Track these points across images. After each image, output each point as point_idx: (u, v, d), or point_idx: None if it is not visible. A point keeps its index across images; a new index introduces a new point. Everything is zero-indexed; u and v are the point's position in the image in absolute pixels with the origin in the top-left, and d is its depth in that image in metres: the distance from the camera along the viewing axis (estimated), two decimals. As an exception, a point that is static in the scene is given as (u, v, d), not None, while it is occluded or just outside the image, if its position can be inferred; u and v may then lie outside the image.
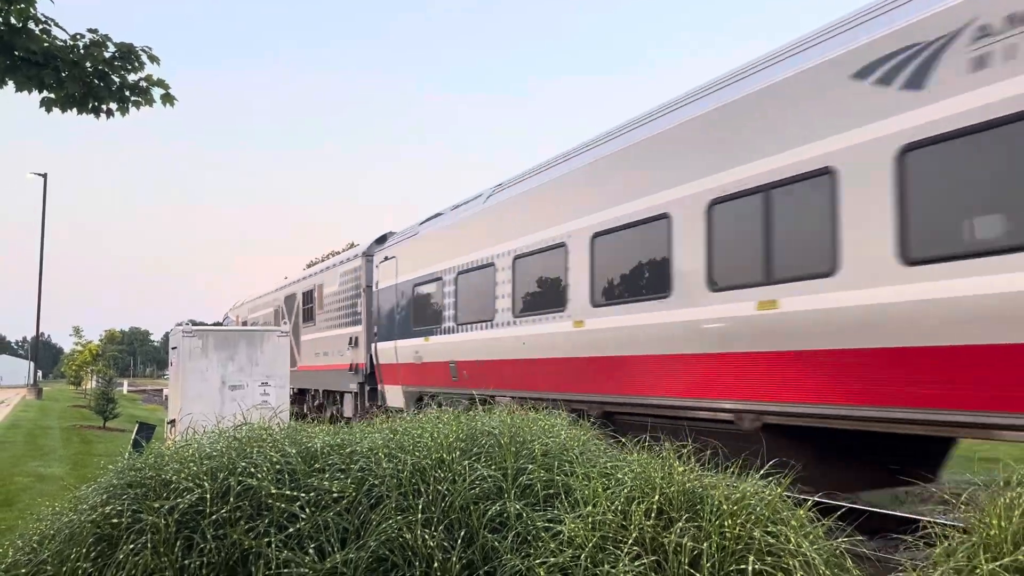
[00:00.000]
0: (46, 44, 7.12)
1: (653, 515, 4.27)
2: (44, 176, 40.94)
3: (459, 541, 4.57)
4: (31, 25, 7.05)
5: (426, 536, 4.57)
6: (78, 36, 7.30)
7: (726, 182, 7.99)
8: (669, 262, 8.66)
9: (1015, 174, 5.59)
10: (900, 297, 6.26)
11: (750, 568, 3.91)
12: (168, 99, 7.66)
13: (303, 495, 4.82)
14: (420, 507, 4.71)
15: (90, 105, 7.37)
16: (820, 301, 6.93)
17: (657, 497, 4.35)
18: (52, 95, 7.30)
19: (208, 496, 4.70)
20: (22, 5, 6.89)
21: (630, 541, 4.14)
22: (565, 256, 10.43)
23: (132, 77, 7.44)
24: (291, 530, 4.67)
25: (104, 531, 4.75)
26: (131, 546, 4.57)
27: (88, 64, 7.20)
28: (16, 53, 7.01)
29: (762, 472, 4.63)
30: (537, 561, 4.22)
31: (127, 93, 7.43)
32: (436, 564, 4.50)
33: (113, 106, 7.46)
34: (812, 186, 7.10)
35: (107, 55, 7.30)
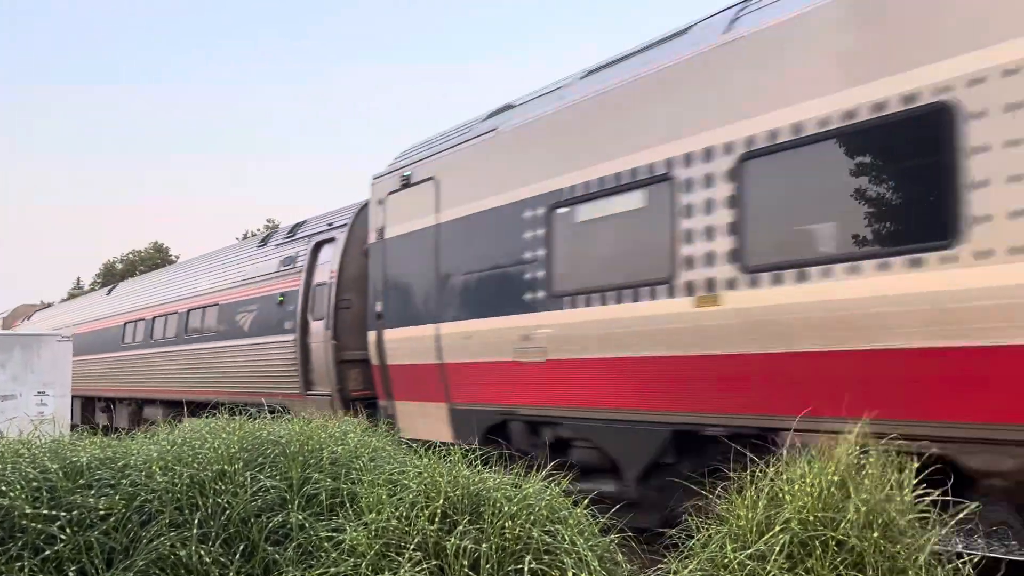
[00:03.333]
0: None
1: (437, 519, 4.30)
2: None
3: (237, 555, 4.41)
4: None
5: (201, 552, 4.37)
6: None
7: None
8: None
9: None
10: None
11: (527, 567, 4.03)
12: None
13: (64, 514, 4.46)
14: (197, 522, 4.50)
15: None
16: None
17: (442, 501, 4.39)
18: None
19: (-54, 520, 4.25)
20: None
21: (412, 546, 4.15)
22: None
23: None
24: (48, 552, 4.31)
25: None
26: None
27: None
28: None
29: (544, 472, 4.80)
30: (317, 572, 4.15)
31: None
32: (212, 580, 4.32)
33: None
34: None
35: None
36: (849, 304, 5.25)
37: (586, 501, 4.69)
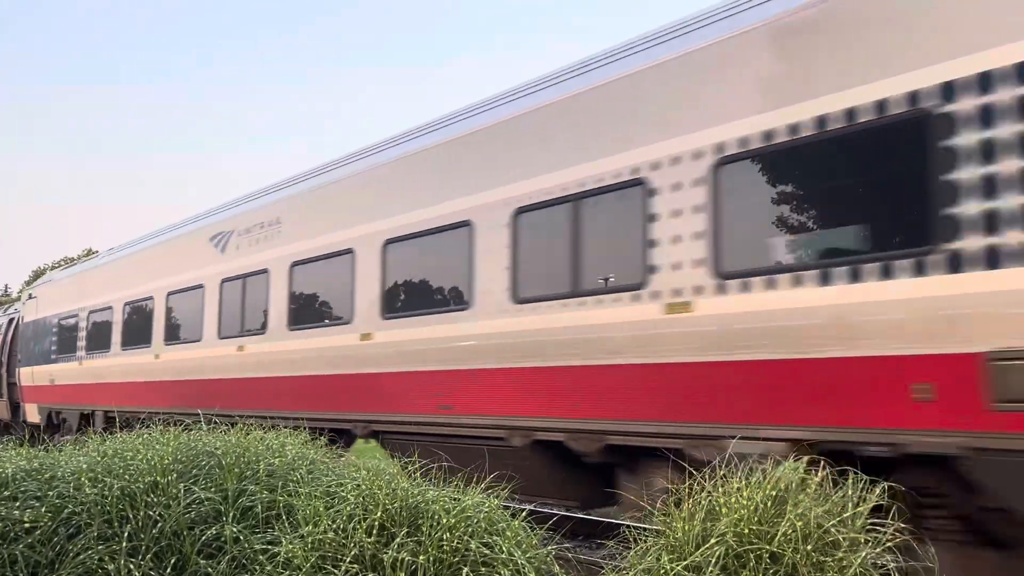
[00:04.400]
0: None
1: (375, 532, 4.26)
2: None
3: (168, 569, 4.30)
4: None
5: (131, 565, 4.26)
6: None
7: None
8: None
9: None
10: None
11: (464, 579, 4.02)
12: None
13: (-14, 527, 4.31)
14: (126, 535, 4.38)
15: None
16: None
17: (380, 513, 4.35)
18: None
19: None
20: None
21: (349, 559, 4.11)
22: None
23: None
24: (-32, 567, 4.16)
25: None
26: None
27: None
28: None
29: (484, 483, 4.79)
30: (251, 585, 4.08)
31: None
32: (141, 595, 4.20)
33: None
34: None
35: None
36: None
37: (524, 513, 4.70)
